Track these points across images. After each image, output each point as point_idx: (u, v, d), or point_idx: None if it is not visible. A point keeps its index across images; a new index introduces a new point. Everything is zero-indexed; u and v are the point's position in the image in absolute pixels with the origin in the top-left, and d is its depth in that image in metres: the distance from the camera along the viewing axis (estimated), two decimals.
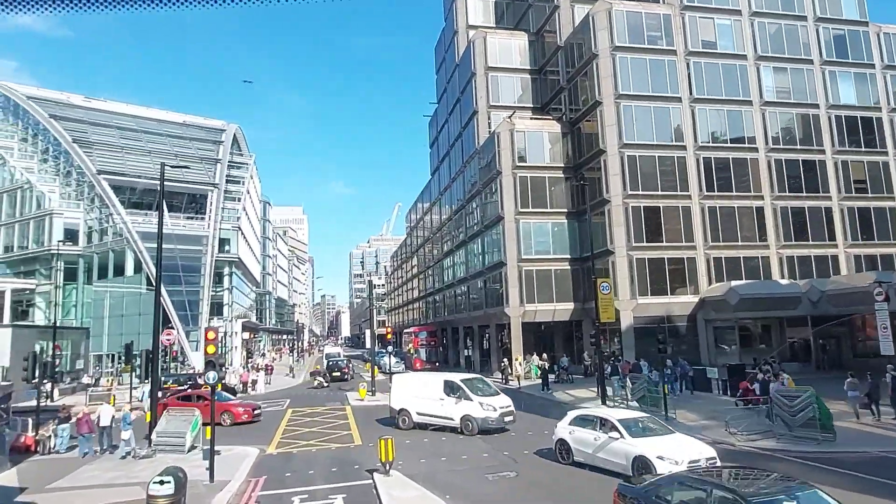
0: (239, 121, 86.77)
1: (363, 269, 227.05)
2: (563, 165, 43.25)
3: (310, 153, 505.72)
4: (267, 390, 40.53)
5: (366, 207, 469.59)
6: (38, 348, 37.95)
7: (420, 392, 22.92)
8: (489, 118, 48.43)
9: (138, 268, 53.85)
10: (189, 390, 30.83)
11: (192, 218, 63.08)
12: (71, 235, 57.84)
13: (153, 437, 18.84)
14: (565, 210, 42.73)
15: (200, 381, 37.51)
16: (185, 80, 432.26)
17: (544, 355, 39.55)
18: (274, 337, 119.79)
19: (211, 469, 15.12)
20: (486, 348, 49.37)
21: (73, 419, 20.59)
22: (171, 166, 44.70)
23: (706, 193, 38.68)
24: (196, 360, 48.33)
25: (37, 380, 21.42)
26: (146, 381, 47.59)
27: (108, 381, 43.41)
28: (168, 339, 37.84)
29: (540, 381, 35.11)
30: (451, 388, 22.11)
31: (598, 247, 39.77)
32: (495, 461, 17.21)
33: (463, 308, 52.62)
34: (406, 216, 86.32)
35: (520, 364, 37.92)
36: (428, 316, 70.66)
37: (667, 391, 23.49)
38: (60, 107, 67.52)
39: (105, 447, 19.74)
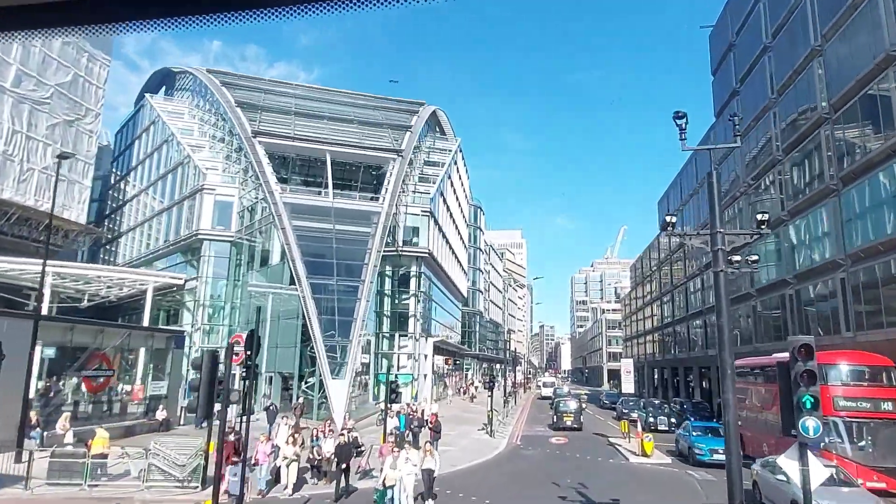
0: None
1: (587, 294, 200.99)
2: None
3: (532, 190, 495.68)
4: (448, 472, 19.19)
5: (586, 237, 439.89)
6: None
7: None
8: None
9: (284, 254, 38.34)
10: None
11: (373, 199, 46.54)
12: (223, 216, 45.25)
13: None
14: None
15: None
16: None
17: None
18: (485, 366, 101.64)
19: None
20: None
21: None
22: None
23: None
24: (335, 392, 29.83)
25: None
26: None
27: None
28: (236, 356, 19.23)
29: None
30: None
31: None
32: None
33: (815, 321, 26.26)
34: (660, 203, 60.82)
35: None
36: (685, 346, 44.41)
37: None
38: (240, 78, 57.85)
39: None
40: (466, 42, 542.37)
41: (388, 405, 21.83)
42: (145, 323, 38.66)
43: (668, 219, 9.58)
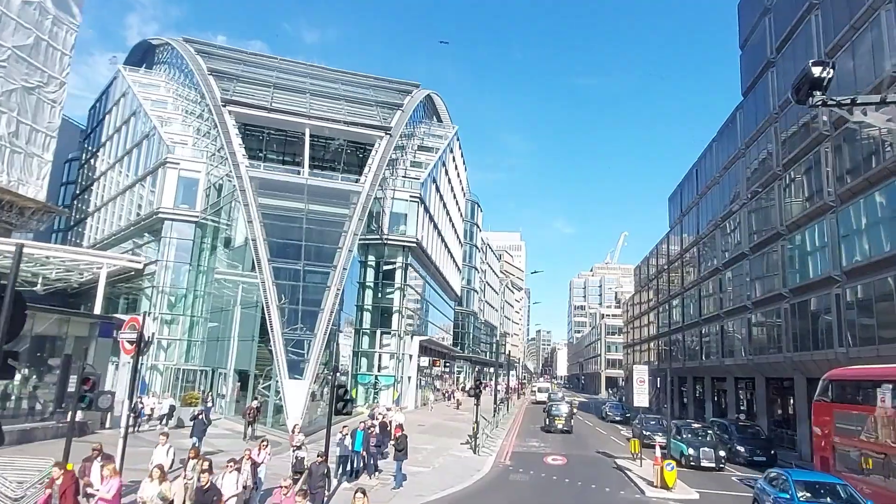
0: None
1: (585, 299, 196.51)
2: None
3: (532, 194, 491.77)
4: None
5: (586, 243, 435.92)
6: None
7: None
8: None
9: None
10: None
11: (356, 182, 41.91)
12: (188, 193, 40.70)
13: None
14: None
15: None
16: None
17: None
18: (477, 369, 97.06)
19: None
20: None
21: None
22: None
23: None
24: (291, 395, 25.26)
25: None
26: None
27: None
28: (128, 342, 14.56)
29: None
30: None
31: None
32: None
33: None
34: (671, 199, 56.39)
35: None
36: (696, 354, 39.86)
37: None
38: (219, 48, 53.39)
39: None
40: (468, 43, 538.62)
41: (369, 417, 17.06)
42: (97, 311, 34.11)
43: (815, 71, 5.04)
